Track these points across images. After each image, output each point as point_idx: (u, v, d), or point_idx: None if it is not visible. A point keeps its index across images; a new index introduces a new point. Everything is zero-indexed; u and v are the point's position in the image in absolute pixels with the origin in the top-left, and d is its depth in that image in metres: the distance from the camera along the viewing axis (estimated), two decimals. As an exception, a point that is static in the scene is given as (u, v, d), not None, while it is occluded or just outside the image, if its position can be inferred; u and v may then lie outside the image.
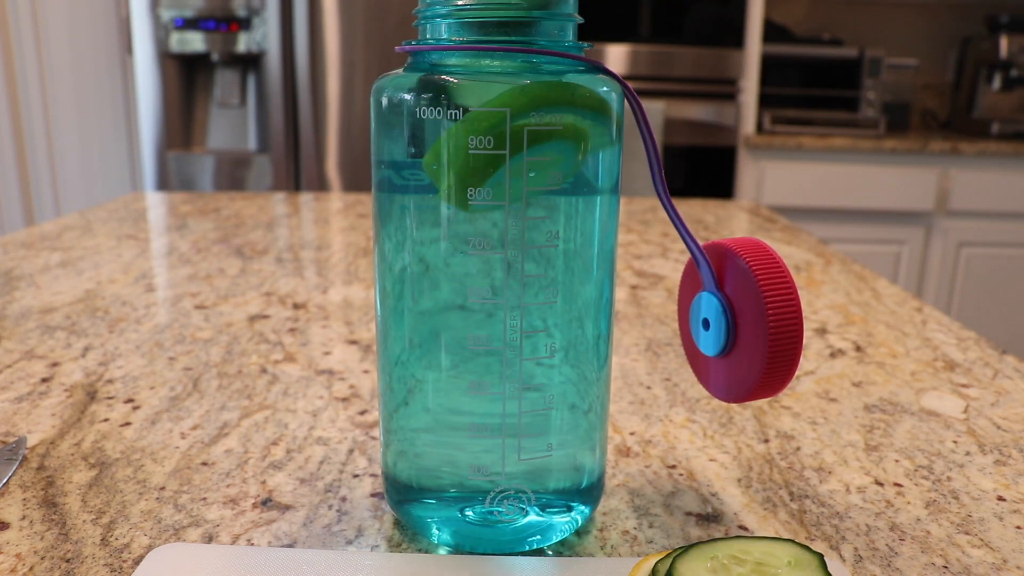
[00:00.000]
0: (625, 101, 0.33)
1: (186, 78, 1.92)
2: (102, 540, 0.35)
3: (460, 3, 0.31)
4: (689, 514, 0.38)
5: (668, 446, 0.45)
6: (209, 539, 0.35)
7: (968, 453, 0.44)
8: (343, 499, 0.39)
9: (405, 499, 0.35)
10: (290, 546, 0.35)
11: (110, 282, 0.75)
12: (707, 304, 0.33)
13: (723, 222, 1.12)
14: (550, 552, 0.35)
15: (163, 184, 1.93)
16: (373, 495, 0.39)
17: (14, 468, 0.41)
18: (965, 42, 2.47)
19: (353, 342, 0.60)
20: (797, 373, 0.52)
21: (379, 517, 0.37)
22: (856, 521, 0.37)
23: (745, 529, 0.37)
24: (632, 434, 0.46)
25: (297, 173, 1.93)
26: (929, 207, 2.12)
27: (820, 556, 0.28)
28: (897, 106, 2.38)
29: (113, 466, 0.41)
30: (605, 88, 0.32)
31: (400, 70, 0.33)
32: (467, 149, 0.30)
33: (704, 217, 1.14)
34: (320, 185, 1.93)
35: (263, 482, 0.40)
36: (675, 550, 0.30)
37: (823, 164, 2.10)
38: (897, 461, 0.43)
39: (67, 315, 0.65)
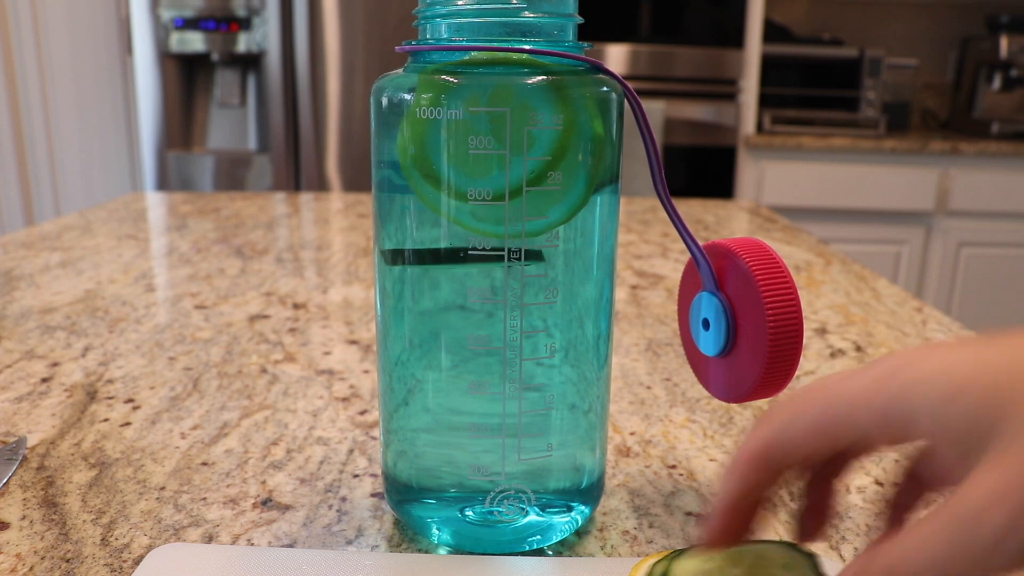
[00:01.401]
0: (625, 101, 0.33)
1: (186, 78, 1.92)
2: (102, 540, 0.35)
3: (460, 3, 0.31)
4: (689, 514, 0.38)
5: (668, 446, 0.45)
6: (209, 539, 0.35)
7: None
8: (343, 499, 0.39)
9: (405, 499, 0.35)
10: (290, 546, 0.35)
11: (110, 282, 0.75)
12: (707, 304, 0.33)
13: (723, 222, 1.12)
14: (550, 552, 0.35)
15: (163, 184, 1.93)
16: (373, 495, 0.39)
17: (14, 468, 0.41)
18: (965, 42, 2.47)
19: (353, 342, 0.60)
20: (797, 373, 0.52)
21: (379, 517, 0.37)
22: (856, 521, 0.37)
23: (745, 529, 0.37)
24: (632, 434, 0.46)
25: (297, 173, 1.93)
26: (929, 207, 2.12)
27: (812, 557, 0.28)
28: (897, 106, 2.38)
29: (113, 466, 0.41)
30: (605, 88, 0.32)
31: (400, 70, 0.33)
32: (468, 149, 0.30)
33: (704, 217, 1.14)
34: (320, 185, 1.93)
35: (263, 482, 0.40)
36: (671, 552, 0.30)
37: (823, 164, 2.10)
38: (897, 461, 0.43)
39: (67, 315, 0.65)
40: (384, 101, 0.32)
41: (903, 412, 0.21)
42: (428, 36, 0.32)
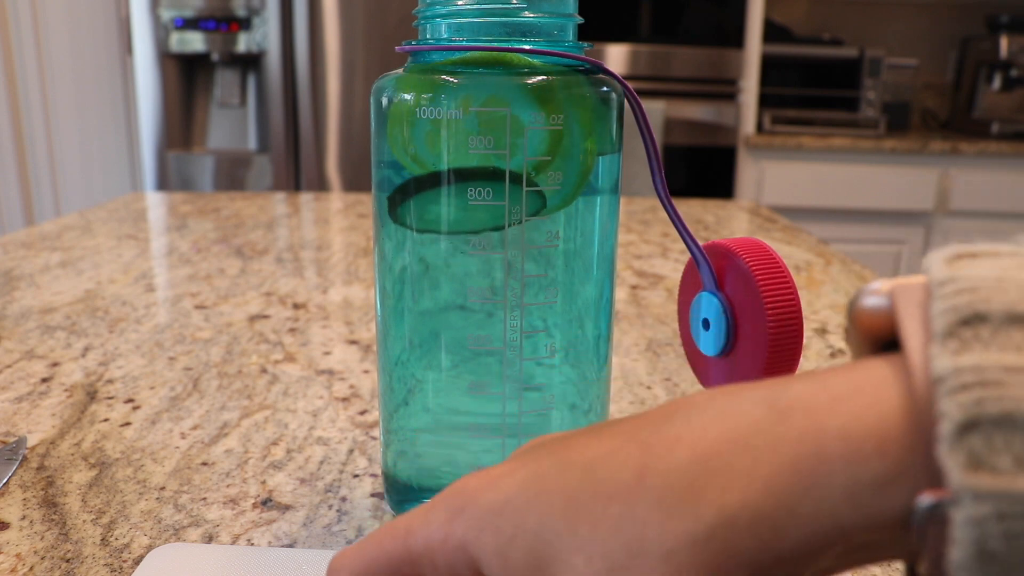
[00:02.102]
0: (625, 101, 0.33)
1: (186, 78, 1.92)
2: (102, 540, 0.35)
3: (460, 3, 0.31)
4: None
5: (668, 446, 0.44)
6: (209, 539, 0.35)
7: None
8: (343, 499, 0.39)
9: (405, 499, 0.35)
10: (290, 546, 0.35)
11: (110, 282, 0.75)
12: (707, 304, 0.33)
13: (723, 222, 1.12)
14: (550, 552, 0.35)
15: (163, 184, 1.93)
16: (373, 495, 0.39)
17: (14, 468, 0.41)
18: (965, 42, 2.47)
19: (353, 342, 0.60)
20: (797, 373, 0.52)
21: (379, 517, 0.37)
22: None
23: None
24: None
25: (297, 173, 1.93)
26: (929, 207, 2.12)
27: None
28: (897, 106, 2.38)
29: (113, 466, 0.41)
30: (605, 88, 0.32)
31: (400, 70, 0.33)
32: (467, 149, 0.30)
33: (704, 217, 1.14)
34: (320, 185, 1.93)
35: (263, 482, 0.40)
36: None
37: (823, 164, 2.10)
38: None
39: (67, 315, 0.65)
40: (384, 101, 0.32)
41: (470, 565, 0.19)
42: (428, 36, 0.32)
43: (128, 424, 0.46)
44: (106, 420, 0.47)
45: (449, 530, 0.19)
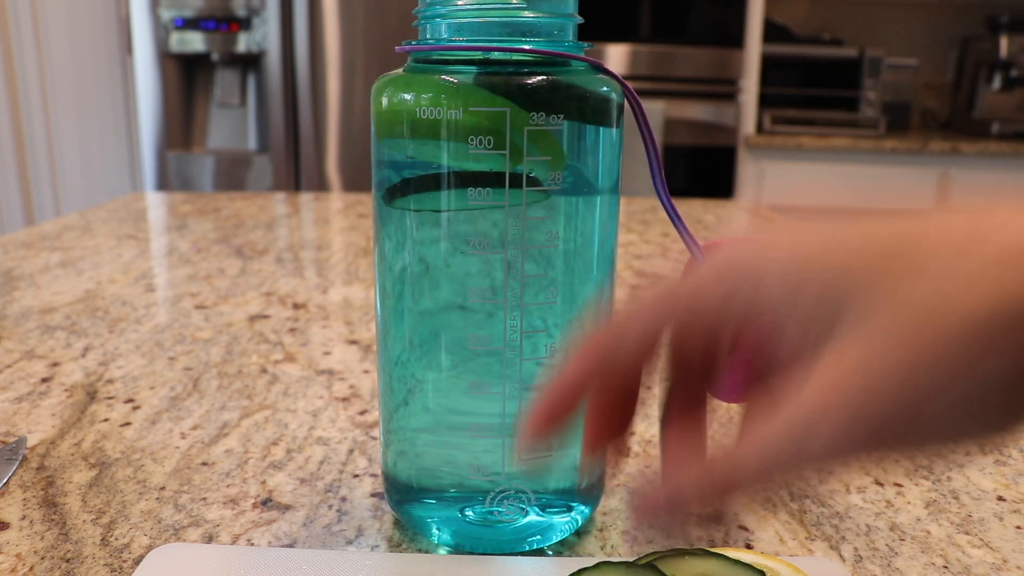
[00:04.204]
0: (625, 101, 0.33)
1: (186, 78, 1.92)
2: (102, 540, 0.35)
3: (460, 3, 0.31)
4: (689, 515, 0.38)
5: (668, 446, 0.45)
6: (209, 539, 0.35)
7: (968, 453, 0.44)
8: (343, 499, 0.39)
9: (405, 499, 0.35)
10: (290, 546, 0.35)
11: (110, 282, 0.75)
12: (707, 304, 0.33)
13: (723, 222, 1.12)
14: (550, 552, 0.35)
15: (163, 184, 1.93)
16: (373, 495, 0.39)
17: (14, 468, 0.41)
18: (965, 42, 2.47)
19: (353, 342, 0.60)
20: None
21: (379, 517, 0.37)
22: (856, 521, 0.37)
23: (745, 529, 0.37)
24: (632, 434, 0.46)
25: (297, 173, 1.93)
26: (929, 207, 2.12)
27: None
28: (897, 106, 2.38)
29: (113, 466, 0.41)
30: (605, 88, 0.32)
31: (400, 70, 0.33)
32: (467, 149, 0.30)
33: (704, 217, 1.14)
34: (320, 185, 1.93)
35: (263, 482, 0.40)
36: (602, 562, 0.29)
37: (823, 164, 2.10)
38: (897, 461, 0.43)
39: (67, 315, 0.65)
40: (384, 101, 0.32)
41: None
42: (428, 36, 0.32)
43: (128, 424, 0.46)
44: (106, 420, 0.47)
45: (719, 279, 0.21)
